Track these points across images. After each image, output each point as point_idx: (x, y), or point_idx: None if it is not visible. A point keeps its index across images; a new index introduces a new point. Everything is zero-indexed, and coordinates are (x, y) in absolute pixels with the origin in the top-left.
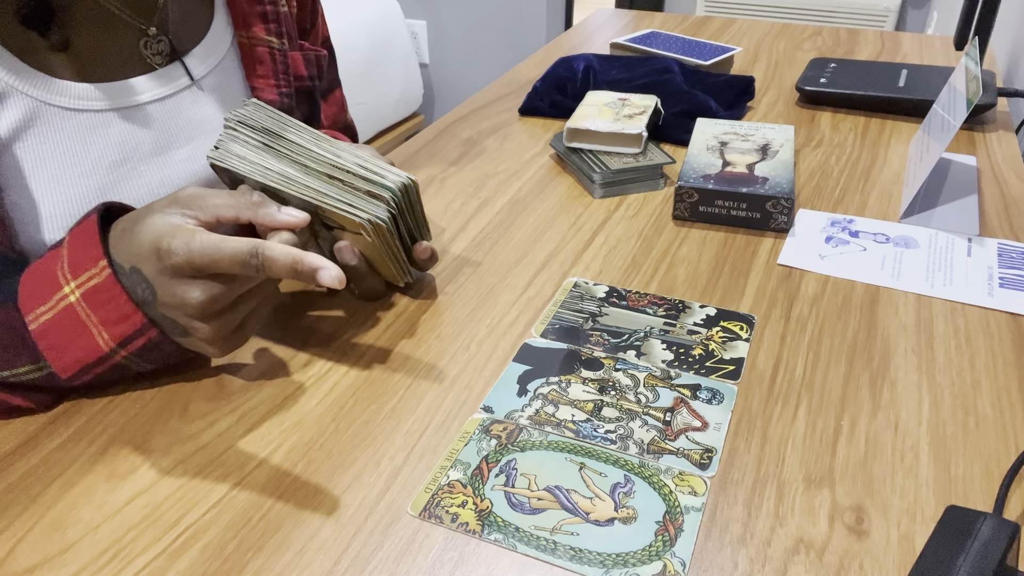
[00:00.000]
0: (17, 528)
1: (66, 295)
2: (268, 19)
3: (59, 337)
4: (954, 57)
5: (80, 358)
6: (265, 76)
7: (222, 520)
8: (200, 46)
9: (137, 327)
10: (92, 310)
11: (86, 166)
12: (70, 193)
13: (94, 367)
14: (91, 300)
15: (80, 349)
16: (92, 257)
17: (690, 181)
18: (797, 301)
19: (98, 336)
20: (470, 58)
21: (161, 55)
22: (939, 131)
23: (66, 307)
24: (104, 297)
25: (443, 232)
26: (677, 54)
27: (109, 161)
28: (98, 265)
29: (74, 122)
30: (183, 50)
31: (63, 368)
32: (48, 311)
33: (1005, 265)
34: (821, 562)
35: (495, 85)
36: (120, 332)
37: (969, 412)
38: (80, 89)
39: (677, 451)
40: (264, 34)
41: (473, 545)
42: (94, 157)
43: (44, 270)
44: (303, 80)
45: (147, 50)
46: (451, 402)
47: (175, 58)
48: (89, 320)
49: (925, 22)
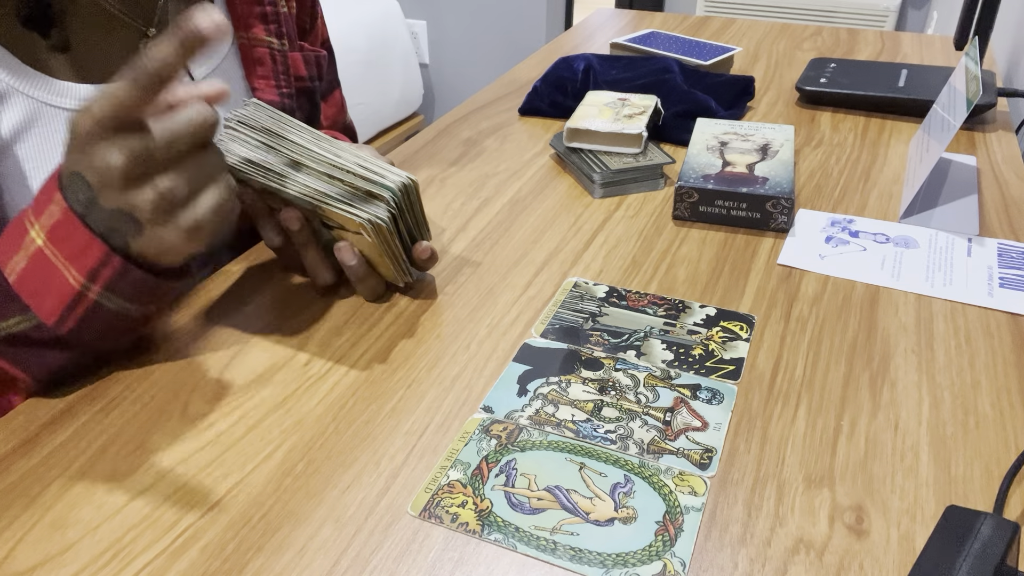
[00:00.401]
0: (17, 528)
1: (33, 239)
2: (268, 20)
3: (35, 283)
4: (954, 57)
5: (58, 300)
6: (265, 77)
7: (222, 520)
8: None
9: (100, 256)
10: (57, 248)
11: None
12: None
13: (74, 308)
14: (54, 237)
15: (55, 291)
16: (49, 194)
17: (690, 181)
18: (797, 301)
19: (67, 274)
20: (470, 58)
21: None
22: (939, 131)
23: (35, 251)
24: (64, 232)
25: (443, 232)
26: (677, 54)
27: None
28: (54, 199)
29: None
30: None
31: (47, 314)
32: (22, 259)
33: (1005, 265)
34: (821, 562)
35: (495, 85)
36: (85, 265)
37: (969, 412)
38: (81, 90)
39: (677, 451)
40: (264, 35)
41: (473, 545)
42: None
43: (15, 222)
44: (303, 81)
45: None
46: (451, 402)
47: None
48: (57, 259)
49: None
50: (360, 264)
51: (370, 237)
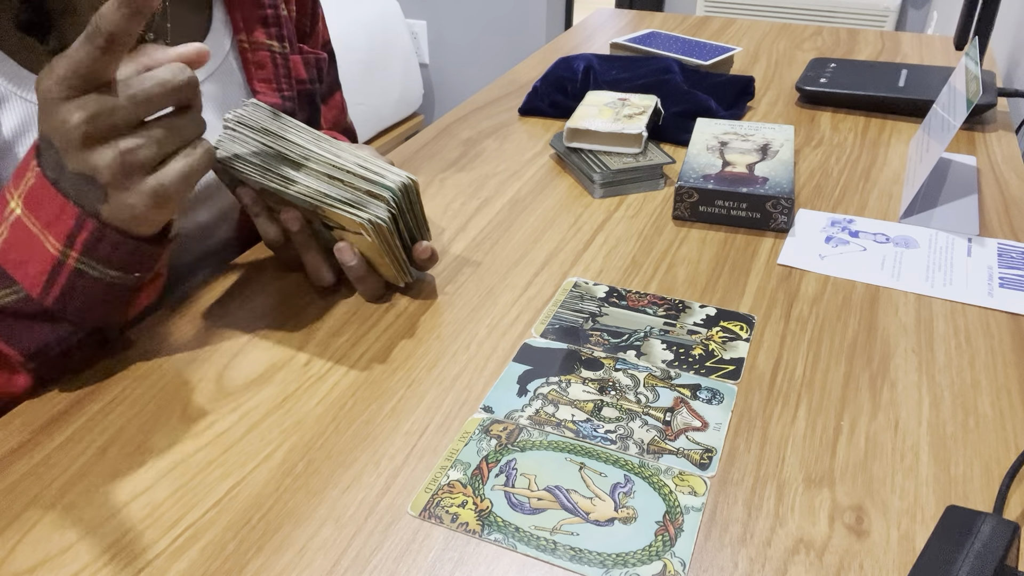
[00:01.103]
0: (17, 528)
1: (12, 209)
2: (269, 23)
3: (18, 253)
4: (954, 57)
5: (40, 269)
6: (267, 80)
7: (222, 520)
8: None
9: (74, 218)
10: (34, 216)
11: None
12: None
13: (55, 276)
14: (30, 204)
15: (37, 260)
16: (26, 163)
17: (690, 181)
18: (797, 301)
19: (45, 241)
20: (470, 58)
21: None
22: (939, 131)
23: (15, 221)
24: (39, 197)
25: (443, 232)
26: (677, 54)
27: None
28: (31, 166)
29: None
30: None
31: (31, 284)
32: (3, 230)
33: (1005, 265)
34: (821, 562)
35: (495, 85)
36: (61, 231)
37: (969, 412)
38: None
39: (677, 451)
40: (265, 38)
41: (473, 545)
42: None
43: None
44: (304, 84)
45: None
46: (451, 402)
47: None
48: (35, 227)
49: (925, 22)
50: (360, 264)
51: (370, 237)
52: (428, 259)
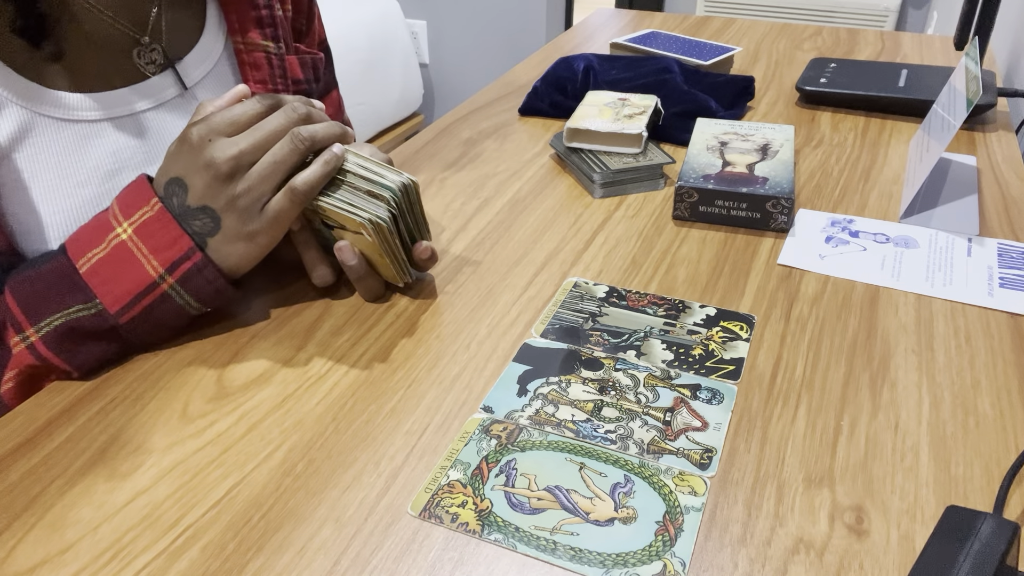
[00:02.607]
0: (17, 528)
1: (118, 234)
2: (264, 24)
3: (110, 271)
4: (954, 57)
5: (130, 288)
6: (263, 81)
7: (222, 520)
8: (193, 53)
9: (184, 251)
10: (143, 241)
11: (81, 176)
12: (66, 203)
13: (141, 298)
14: (142, 232)
15: (130, 279)
16: (144, 198)
17: (690, 181)
18: (797, 301)
19: (147, 264)
20: (470, 58)
21: (154, 64)
22: (939, 131)
23: (118, 244)
24: (155, 227)
25: (443, 232)
26: (677, 54)
27: (105, 171)
28: (150, 203)
29: (68, 132)
30: (176, 58)
31: (113, 300)
32: (101, 251)
33: (1005, 265)
34: (821, 562)
35: (495, 85)
36: (168, 257)
37: (969, 412)
38: (73, 99)
39: (677, 451)
40: (260, 39)
41: (473, 545)
42: (90, 167)
43: (93, 224)
44: (301, 84)
45: (140, 59)
46: (451, 402)
47: (168, 66)
48: (139, 251)
49: (925, 22)
50: (360, 264)
51: (370, 237)
52: (428, 259)
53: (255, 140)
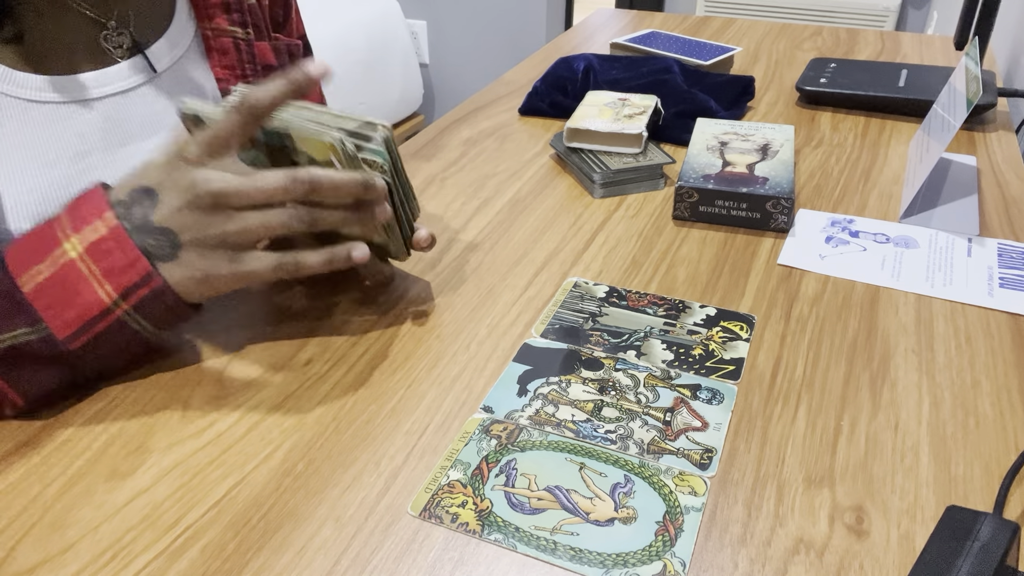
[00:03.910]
0: (17, 528)
1: (66, 251)
2: (231, 9)
3: (57, 293)
4: (954, 57)
5: (81, 314)
6: (230, 67)
7: (222, 520)
8: (163, 39)
9: (141, 275)
10: (95, 262)
11: (49, 157)
12: (32, 184)
13: (95, 324)
14: (95, 252)
15: (81, 304)
16: (97, 211)
17: (690, 181)
18: (797, 301)
19: (99, 289)
20: (470, 58)
21: (122, 48)
22: (939, 131)
23: (66, 263)
24: (109, 247)
25: (443, 232)
26: (677, 54)
27: (72, 153)
28: (103, 217)
29: (35, 113)
30: (145, 43)
31: (62, 326)
32: (47, 268)
33: (1005, 265)
34: (821, 562)
35: (495, 85)
36: (123, 282)
37: (969, 412)
38: (39, 81)
39: (677, 451)
40: (227, 24)
41: (473, 545)
42: (57, 149)
43: (37, 234)
44: (273, 70)
45: (107, 43)
46: (451, 402)
47: (137, 51)
48: (91, 273)
49: (925, 22)
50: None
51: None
52: (428, 246)
53: (249, 189)
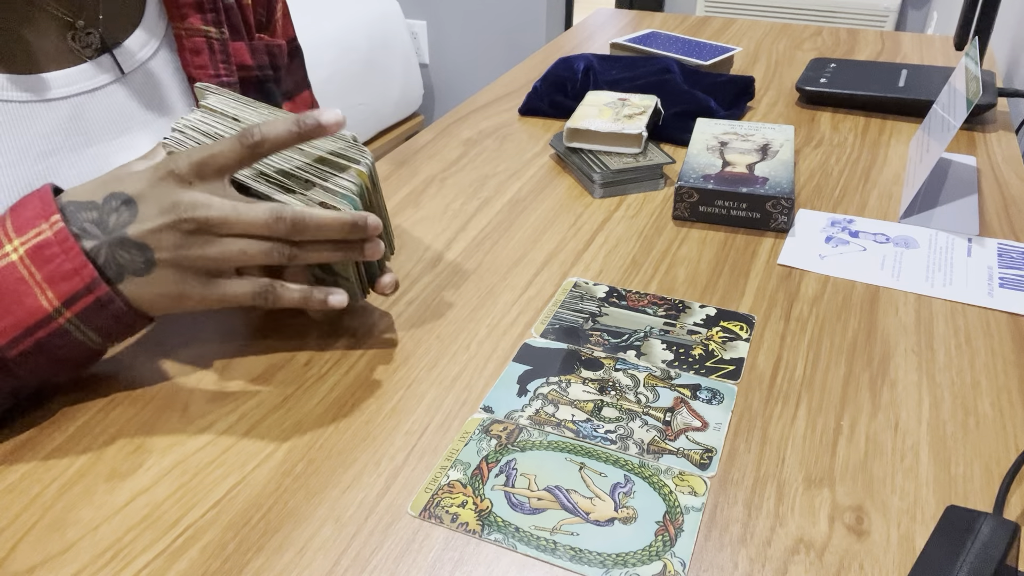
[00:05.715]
0: (17, 528)
1: (7, 253)
2: (204, 8)
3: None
4: (954, 57)
5: (20, 320)
6: (203, 67)
7: (222, 520)
8: (132, 38)
9: (86, 282)
10: (37, 267)
11: (12, 156)
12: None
13: (34, 331)
14: (36, 256)
15: (18, 311)
16: (43, 213)
17: (690, 181)
18: (797, 301)
19: (41, 296)
20: (470, 58)
21: (91, 47)
22: (939, 131)
23: (6, 266)
24: (52, 252)
25: (443, 232)
26: (677, 54)
27: (36, 152)
28: (49, 220)
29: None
30: (114, 42)
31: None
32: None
33: (1005, 265)
34: (821, 562)
35: (495, 85)
36: (67, 289)
37: (969, 412)
38: (2, 80)
39: (677, 451)
40: (201, 24)
41: (473, 545)
42: (20, 148)
43: None
44: (251, 70)
45: (75, 43)
46: (451, 402)
47: (105, 50)
48: (32, 278)
49: (925, 22)
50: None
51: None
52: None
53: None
